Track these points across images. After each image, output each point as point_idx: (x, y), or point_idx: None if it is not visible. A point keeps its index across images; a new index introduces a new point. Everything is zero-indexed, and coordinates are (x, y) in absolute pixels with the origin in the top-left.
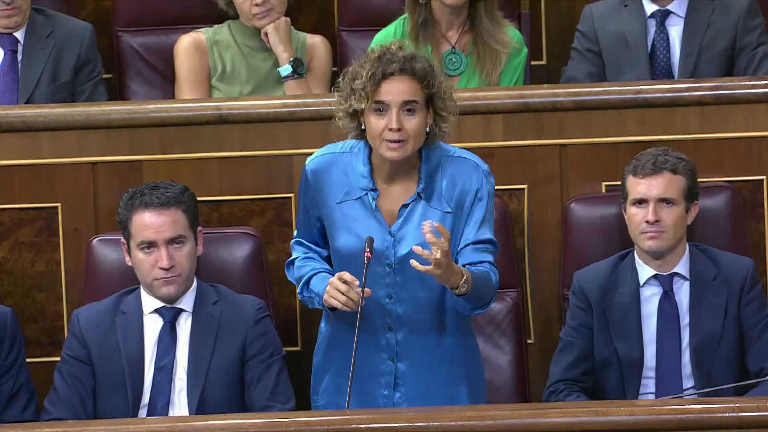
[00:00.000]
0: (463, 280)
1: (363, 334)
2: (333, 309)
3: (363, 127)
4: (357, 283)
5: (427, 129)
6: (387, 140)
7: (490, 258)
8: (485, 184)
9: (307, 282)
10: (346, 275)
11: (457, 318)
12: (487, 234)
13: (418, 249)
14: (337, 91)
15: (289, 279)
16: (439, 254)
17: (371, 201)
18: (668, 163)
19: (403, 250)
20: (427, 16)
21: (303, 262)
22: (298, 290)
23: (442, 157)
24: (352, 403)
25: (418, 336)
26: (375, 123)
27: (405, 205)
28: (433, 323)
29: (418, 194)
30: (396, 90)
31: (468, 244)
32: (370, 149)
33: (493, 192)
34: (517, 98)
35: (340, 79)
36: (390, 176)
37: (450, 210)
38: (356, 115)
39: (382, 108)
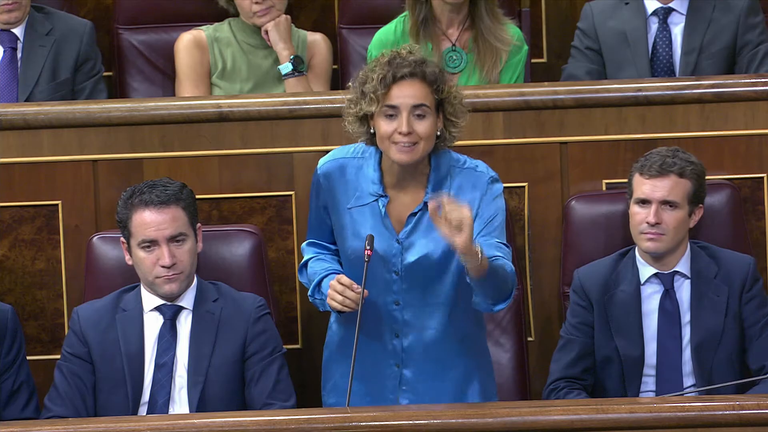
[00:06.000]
0: (479, 255)
1: (371, 340)
2: (341, 312)
3: (372, 131)
4: (355, 286)
5: (438, 133)
6: (396, 143)
7: (501, 254)
8: (488, 189)
9: (318, 284)
10: (344, 278)
11: (465, 324)
12: (495, 239)
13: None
14: (347, 97)
15: (303, 282)
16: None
17: (381, 207)
18: (676, 166)
19: (410, 258)
20: (428, 13)
21: (315, 263)
22: (309, 293)
23: (451, 167)
24: (360, 404)
25: (425, 343)
26: (385, 127)
27: (413, 214)
28: (440, 330)
29: (425, 204)
30: (406, 93)
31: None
32: (381, 155)
33: (502, 202)
34: (517, 96)
35: (350, 84)
36: (399, 182)
37: None
38: (366, 120)
39: (392, 112)
